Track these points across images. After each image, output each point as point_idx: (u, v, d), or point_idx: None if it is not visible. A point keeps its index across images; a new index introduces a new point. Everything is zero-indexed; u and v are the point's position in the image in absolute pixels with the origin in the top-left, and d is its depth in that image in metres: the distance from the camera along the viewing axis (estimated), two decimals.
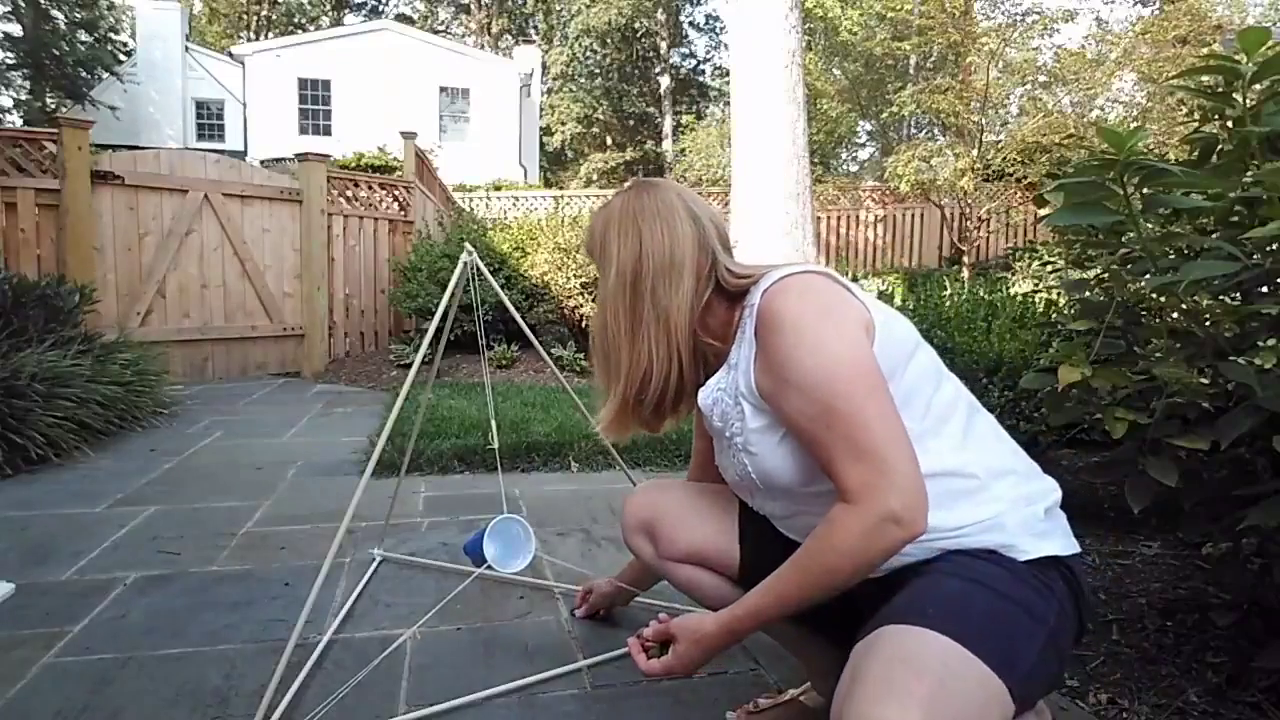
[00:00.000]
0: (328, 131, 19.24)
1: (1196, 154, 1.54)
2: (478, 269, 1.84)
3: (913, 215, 11.08)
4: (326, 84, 19.68)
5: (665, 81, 28.88)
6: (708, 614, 1.00)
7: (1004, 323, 2.73)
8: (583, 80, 28.92)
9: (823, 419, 0.92)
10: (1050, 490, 1.04)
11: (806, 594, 0.93)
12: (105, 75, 20.11)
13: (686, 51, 31.47)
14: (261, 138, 18.98)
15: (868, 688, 0.77)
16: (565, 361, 5.43)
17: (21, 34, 19.81)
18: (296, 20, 32.00)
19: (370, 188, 6.72)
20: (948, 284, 4.64)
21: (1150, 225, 1.46)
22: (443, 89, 20.15)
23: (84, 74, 20.76)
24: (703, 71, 31.84)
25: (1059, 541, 0.99)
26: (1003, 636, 0.86)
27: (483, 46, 29.43)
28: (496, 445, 2.24)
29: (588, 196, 13.27)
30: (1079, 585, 0.99)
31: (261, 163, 10.86)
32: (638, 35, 28.03)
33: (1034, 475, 1.05)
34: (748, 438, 1.05)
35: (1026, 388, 1.65)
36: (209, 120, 20.13)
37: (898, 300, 4.23)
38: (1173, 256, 1.45)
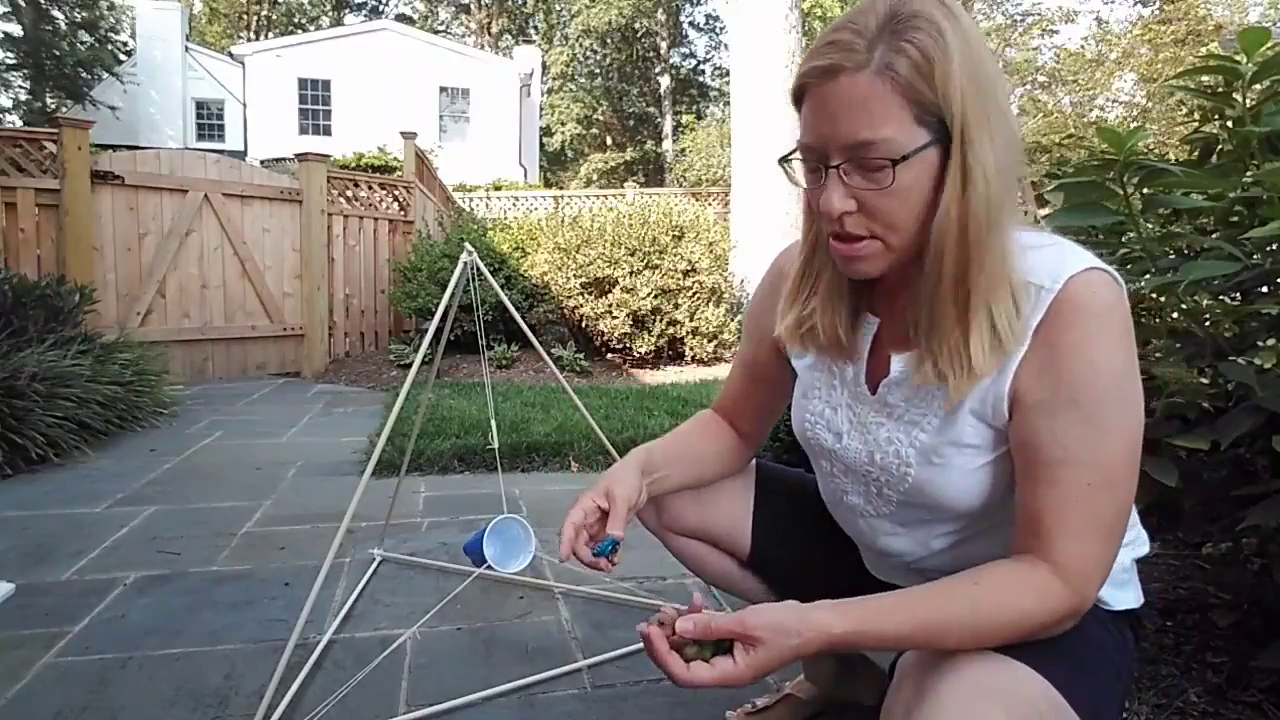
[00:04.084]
0: (328, 131, 19.25)
1: (1196, 154, 1.54)
2: (478, 269, 1.84)
3: None
4: (326, 84, 19.68)
5: (665, 81, 28.89)
6: (790, 616, 0.73)
7: None
8: (583, 80, 28.94)
9: (1095, 473, 0.74)
10: (1143, 543, 0.94)
11: (954, 641, 0.74)
12: (105, 75, 20.11)
13: (686, 51, 31.53)
14: (261, 138, 18.99)
15: (942, 713, 0.67)
16: (565, 361, 5.43)
17: (21, 34, 19.81)
18: (296, 20, 32.01)
19: (370, 188, 6.72)
20: None
21: (1150, 225, 1.46)
22: (443, 89, 20.15)
23: (84, 74, 20.77)
24: (703, 71, 31.87)
25: (1133, 593, 0.91)
26: (1092, 685, 0.78)
27: (483, 46, 29.44)
28: (496, 445, 2.24)
29: (588, 196, 13.28)
30: (1138, 638, 0.93)
31: (261, 163, 10.86)
32: (638, 35, 28.04)
33: (1136, 524, 0.94)
34: (939, 445, 0.83)
35: None
36: (209, 120, 20.14)
37: None
38: (1173, 256, 1.45)
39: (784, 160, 0.82)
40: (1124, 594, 0.89)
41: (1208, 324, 1.38)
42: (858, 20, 0.74)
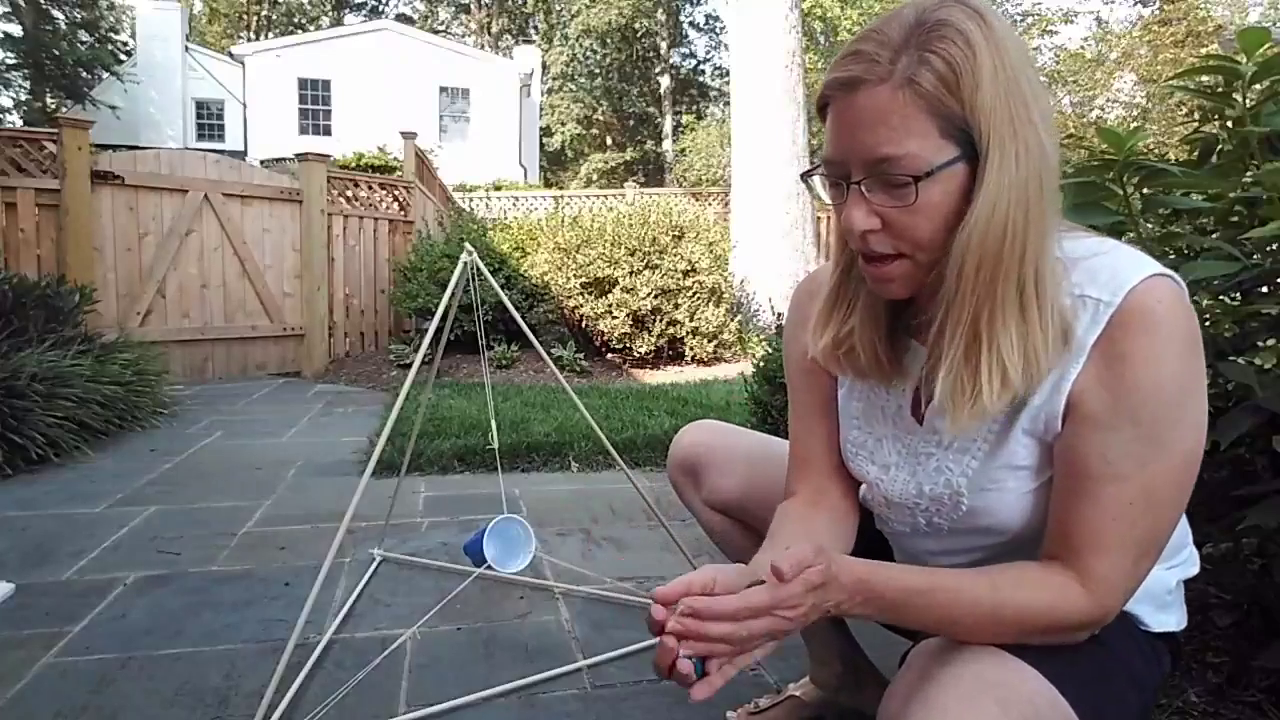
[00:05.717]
0: (328, 131, 19.25)
1: (1196, 154, 1.54)
2: (478, 269, 1.84)
3: None
4: (326, 84, 19.69)
5: (665, 81, 28.89)
6: (850, 591, 0.70)
7: None
8: (583, 80, 28.94)
9: (1139, 491, 0.71)
10: (1193, 563, 0.91)
11: (967, 619, 0.73)
12: (105, 75, 20.11)
13: (686, 51, 31.54)
14: (261, 138, 18.99)
15: (943, 696, 0.68)
16: (565, 361, 5.43)
17: (21, 34, 19.80)
18: (296, 20, 32.02)
19: (370, 188, 6.72)
20: None
21: (1150, 225, 1.46)
22: (443, 89, 20.16)
23: (84, 74, 20.77)
24: (703, 71, 31.87)
25: (1175, 615, 0.88)
26: (1105, 699, 0.75)
27: (483, 46, 29.45)
28: (496, 445, 2.24)
29: (588, 196, 13.29)
30: (1175, 661, 0.90)
31: (261, 163, 10.86)
32: (638, 35, 28.03)
33: (1187, 544, 0.91)
34: (991, 470, 0.79)
35: None
36: (209, 120, 20.15)
37: None
38: (1173, 256, 1.45)
39: (806, 175, 0.79)
40: (1166, 616, 0.86)
41: (1208, 324, 1.38)
42: (882, 29, 0.70)
